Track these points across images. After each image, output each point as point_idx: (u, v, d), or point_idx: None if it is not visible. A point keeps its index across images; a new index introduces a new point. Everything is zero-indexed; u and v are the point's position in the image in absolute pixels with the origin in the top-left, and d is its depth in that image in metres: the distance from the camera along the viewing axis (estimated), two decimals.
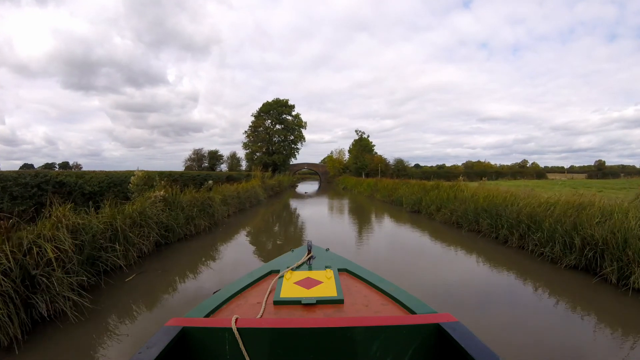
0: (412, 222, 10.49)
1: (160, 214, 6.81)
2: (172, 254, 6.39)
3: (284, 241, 7.79)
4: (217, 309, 1.75)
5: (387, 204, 16.12)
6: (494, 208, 8.30)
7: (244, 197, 13.04)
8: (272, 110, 45.73)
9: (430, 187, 12.73)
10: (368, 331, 1.37)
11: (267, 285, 1.96)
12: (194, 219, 7.68)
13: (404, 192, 14.54)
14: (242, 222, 10.43)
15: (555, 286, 4.62)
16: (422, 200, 12.04)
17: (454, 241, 7.69)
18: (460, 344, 1.24)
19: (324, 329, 1.37)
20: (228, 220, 10.42)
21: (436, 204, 10.75)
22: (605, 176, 57.09)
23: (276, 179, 26.17)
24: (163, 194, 6.92)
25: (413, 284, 4.43)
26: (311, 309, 1.72)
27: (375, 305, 1.77)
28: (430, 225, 9.81)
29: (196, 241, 7.43)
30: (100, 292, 4.34)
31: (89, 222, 5.05)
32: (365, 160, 42.58)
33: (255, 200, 15.35)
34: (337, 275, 2.06)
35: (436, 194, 11.46)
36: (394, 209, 13.92)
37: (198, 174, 16.39)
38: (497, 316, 3.70)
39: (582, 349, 2.99)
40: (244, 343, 1.35)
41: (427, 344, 1.40)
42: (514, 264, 5.81)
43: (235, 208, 11.86)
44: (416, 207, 12.31)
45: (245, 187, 14.19)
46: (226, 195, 10.96)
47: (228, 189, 11.77)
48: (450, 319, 1.41)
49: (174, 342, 1.33)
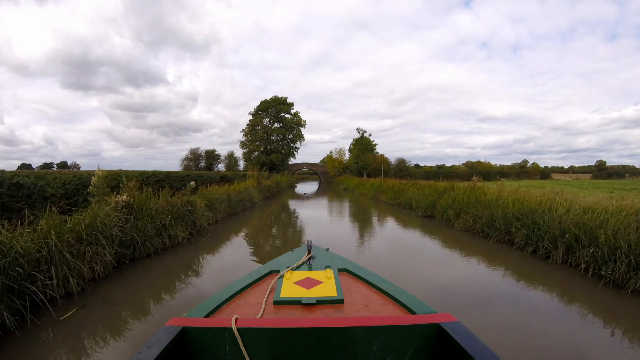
0: (428, 229, 9.11)
1: (123, 224, 5.46)
2: (134, 276, 5.03)
3: (279, 253, 6.41)
4: (217, 309, 1.72)
5: (394, 206, 14.72)
6: (530, 215, 6.98)
7: (235, 199, 11.64)
8: (271, 109, 44.19)
9: (444, 188, 11.37)
10: (368, 331, 1.36)
11: (267, 285, 1.95)
12: (168, 228, 6.30)
13: (413, 194, 13.17)
14: (230, 229, 9.03)
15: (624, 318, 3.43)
16: (436, 203, 10.68)
17: (483, 255, 6.34)
18: (460, 344, 1.22)
19: (324, 329, 1.35)
20: (215, 227, 9.05)
21: (454, 209, 9.38)
22: (609, 176, 56.68)
23: (273, 179, 24.56)
24: (126, 199, 5.54)
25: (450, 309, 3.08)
26: (311, 309, 1.70)
27: (375, 305, 1.75)
28: (449, 234, 8.43)
29: (170, 256, 6.06)
30: (24, 336, 3.14)
31: (9, 241, 3.71)
32: (367, 160, 40.89)
33: (249, 203, 13.96)
34: (337, 275, 2.04)
35: (452, 197, 10.10)
36: (403, 213, 12.54)
37: (188, 173, 14.95)
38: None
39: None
40: (244, 343, 1.34)
41: (427, 344, 1.38)
42: (566, 288, 4.50)
43: (225, 213, 10.47)
44: (429, 212, 10.94)
45: (236, 188, 12.76)
46: (213, 199, 9.57)
47: (216, 191, 10.35)
48: (450, 319, 1.40)
49: (174, 342, 1.31)
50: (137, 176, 10.96)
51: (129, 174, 10.07)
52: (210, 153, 47.11)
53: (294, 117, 45.33)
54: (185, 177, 14.93)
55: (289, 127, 44.84)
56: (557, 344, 2.98)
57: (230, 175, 20.21)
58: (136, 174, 11.07)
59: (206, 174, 17.33)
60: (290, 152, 45.99)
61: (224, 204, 10.22)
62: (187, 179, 15.34)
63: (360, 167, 40.19)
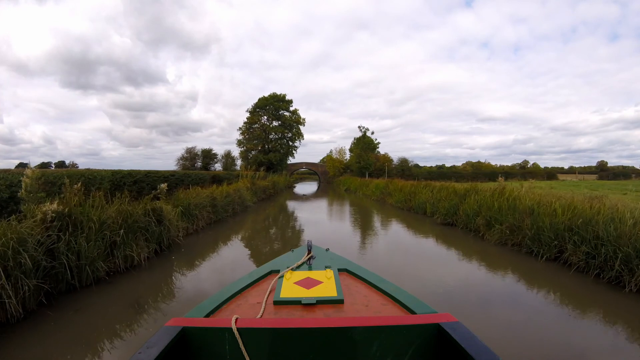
0: (453, 242, 7.55)
1: (55, 244, 3.91)
2: (61, 321, 3.47)
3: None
4: (217, 309, 1.70)
5: (404, 211, 13.13)
6: (589, 226, 5.49)
7: (223, 204, 10.06)
8: (269, 106, 42.41)
9: (465, 191, 9.83)
10: (368, 331, 1.34)
11: (267, 285, 1.92)
12: (120, 246, 4.72)
13: (427, 197, 11.62)
14: (211, 242, 7.42)
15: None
16: (458, 209, 9.13)
17: (533, 280, 4.81)
18: (460, 344, 1.20)
19: (324, 329, 1.33)
20: (193, 239, 7.45)
21: (483, 216, 7.83)
22: (615, 177, 55.50)
23: (270, 179, 22.83)
24: (56, 208, 3.97)
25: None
26: (311, 309, 1.68)
27: (375, 305, 1.73)
28: (482, 249, 6.86)
29: (124, 283, 4.50)
30: None
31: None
32: (370, 160, 39.06)
33: (240, 207, 12.38)
34: (337, 275, 2.00)
35: (477, 201, 8.57)
36: (416, 220, 10.98)
37: (173, 173, 13.33)
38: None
39: None
40: (243, 343, 1.32)
41: (427, 344, 1.36)
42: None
43: (209, 220, 8.89)
44: (450, 218, 9.39)
45: (224, 190, 11.16)
46: (192, 204, 7.97)
47: (197, 195, 8.75)
48: (450, 319, 1.37)
49: (174, 342, 1.29)
50: (109, 176, 9.37)
51: (94, 174, 8.46)
52: (207, 152, 45.36)
53: (293, 114, 43.64)
54: (169, 177, 13.32)
55: (288, 125, 43.13)
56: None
57: (223, 175, 18.61)
58: (108, 174, 9.48)
59: (196, 174, 15.68)
60: (289, 151, 44.27)
61: (206, 210, 8.63)
62: (172, 179, 13.75)
63: (362, 167, 38.37)
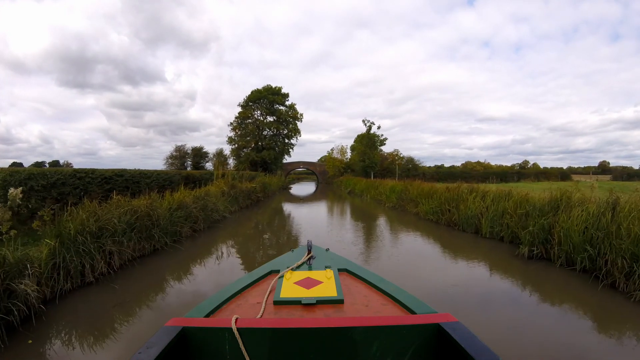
0: (584, 306, 3.87)
1: None
2: None
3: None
4: (217, 309, 1.70)
5: (441, 226, 9.36)
6: None
7: (168, 222, 6.31)
8: (263, 99, 38.51)
9: (552, 201, 6.15)
10: (368, 331, 1.33)
11: (267, 285, 1.92)
12: None
13: (478, 207, 7.92)
14: (106, 305, 3.74)
15: None
16: (553, 231, 5.43)
17: None
18: (460, 344, 1.19)
19: (324, 329, 1.32)
20: (81, 299, 3.78)
21: (615, 249, 4.15)
22: (630, 178, 53.37)
23: (259, 180, 18.94)
24: None
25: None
26: (311, 309, 1.67)
27: (376, 305, 1.73)
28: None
29: None
30: None
31: None
32: (375, 158, 35.04)
33: (208, 220, 8.64)
34: (337, 275, 2.00)
35: (583, 219, 4.92)
36: (467, 242, 7.30)
37: (121, 173, 9.60)
38: None
39: None
40: (243, 343, 1.31)
41: (427, 344, 1.35)
42: None
43: (133, 252, 5.13)
44: (538, 248, 5.67)
45: (177, 198, 7.41)
46: (86, 230, 4.20)
47: (108, 210, 4.99)
48: (450, 319, 1.37)
49: (174, 342, 1.28)
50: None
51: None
52: (197, 151, 41.60)
53: (290, 109, 39.83)
54: (111, 178, 9.54)
55: (284, 120, 39.29)
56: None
57: (199, 175, 14.85)
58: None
59: (158, 174, 11.90)
60: (285, 150, 40.46)
61: (126, 237, 4.89)
62: (118, 181, 9.98)
63: (366, 167, 34.46)
